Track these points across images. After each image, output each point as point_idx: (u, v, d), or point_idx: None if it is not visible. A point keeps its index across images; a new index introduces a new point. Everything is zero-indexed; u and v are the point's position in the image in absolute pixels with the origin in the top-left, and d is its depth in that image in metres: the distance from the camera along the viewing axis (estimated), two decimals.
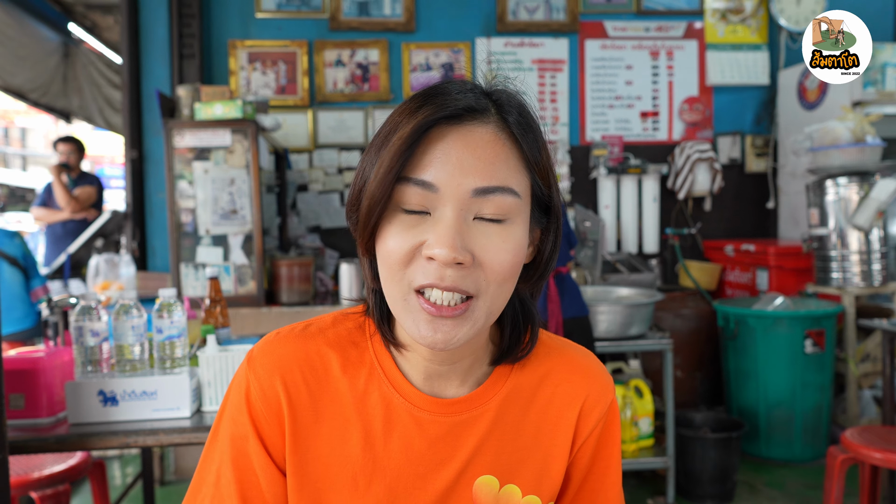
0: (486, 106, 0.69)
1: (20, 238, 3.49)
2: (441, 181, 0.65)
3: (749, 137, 4.64)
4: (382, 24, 4.42)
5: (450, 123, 0.67)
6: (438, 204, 0.66)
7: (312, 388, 0.77)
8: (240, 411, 0.77)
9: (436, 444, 0.77)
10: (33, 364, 1.64)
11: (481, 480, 0.78)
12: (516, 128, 0.69)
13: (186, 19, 4.20)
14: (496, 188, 0.66)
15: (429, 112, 0.66)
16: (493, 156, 0.67)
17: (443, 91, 0.69)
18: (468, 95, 0.69)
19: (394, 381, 0.78)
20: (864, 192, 3.64)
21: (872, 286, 3.69)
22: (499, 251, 0.67)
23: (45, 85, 5.41)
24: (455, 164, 0.65)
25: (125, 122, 4.15)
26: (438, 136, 0.66)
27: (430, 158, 0.66)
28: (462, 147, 0.66)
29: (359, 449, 0.77)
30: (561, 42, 4.56)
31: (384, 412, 0.77)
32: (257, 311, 3.33)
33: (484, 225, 0.67)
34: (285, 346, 0.79)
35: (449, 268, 0.65)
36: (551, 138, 4.55)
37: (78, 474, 2.29)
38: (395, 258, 0.67)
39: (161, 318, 1.69)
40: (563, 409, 0.81)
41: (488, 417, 0.79)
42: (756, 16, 4.63)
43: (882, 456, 2.37)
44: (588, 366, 0.84)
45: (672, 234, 4.58)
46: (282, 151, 4.10)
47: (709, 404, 4.10)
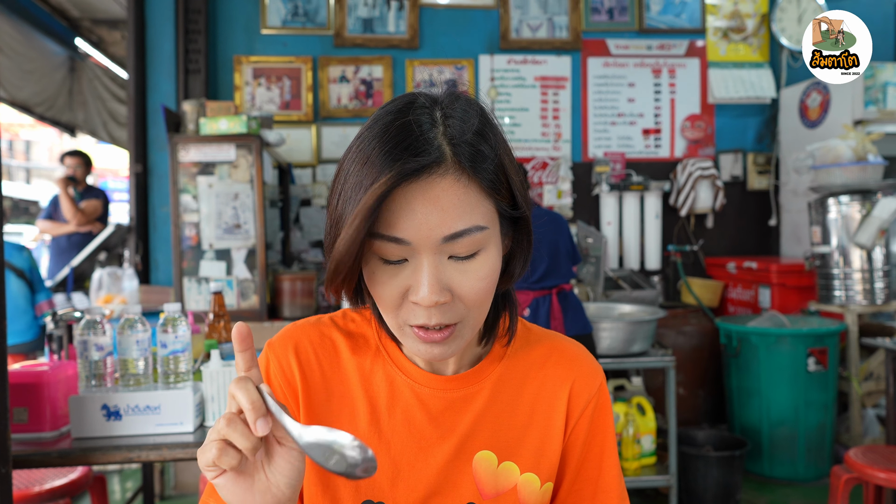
0: (442, 153, 0.70)
1: (28, 252, 3.52)
2: (411, 236, 0.70)
3: (751, 155, 4.66)
4: (386, 40, 4.46)
5: (409, 181, 0.69)
6: (414, 253, 0.71)
7: (325, 368, 0.85)
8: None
9: (436, 419, 0.83)
10: (37, 378, 1.65)
11: (480, 455, 0.83)
12: (472, 167, 0.71)
13: (192, 35, 4.23)
14: (463, 231, 0.71)
15: (388, 178, 0.68)
16: (455, 202, 0.70)
17: (404, 136, 0.70)
18: (427, 137, 0.70)
19: (397, 361, 0.85)
20: (866, 210, 3.64)
21: (875, 304, 3.69)
22: (474, 283, 0.73)
23: (51, 99, 5.45)
24: (421, 220, 0.69)
25: (130, 136, 4.18)
26: (402, 194, 0.69)
27: (396, 216, 0.70)
28: (424, 202, 0.69)
29: (365, 423, 0.83)
30: (564, 59, 4.59)
31: (388, 389, 0.84)
32: (260, 326, 3.33)
33: (458, 262, 0.73)
34: (301, 331, 0.87)
35: (433, 308, 0.72)
36: (553, 155, 4.58)
37: (79, 489, 2.28)
38: (387, 304, 0.74)
39: (166, 332, 1.69)
40: (555, 390, 0.87)
41: (485, 394, 0.85)
42: (757, 34, 4.66)
43: (886, 476, 2.36)
44: (575, 352, 0.90)
45: (674, 251, 4.58)
46: (285, 166, 4.12)
47: (711, 422, 4.08)
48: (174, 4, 4.19)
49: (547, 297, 2.81)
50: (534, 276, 2.81)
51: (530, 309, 2.82)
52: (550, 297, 2.81)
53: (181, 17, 4.19)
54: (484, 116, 0.75)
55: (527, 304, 2.83)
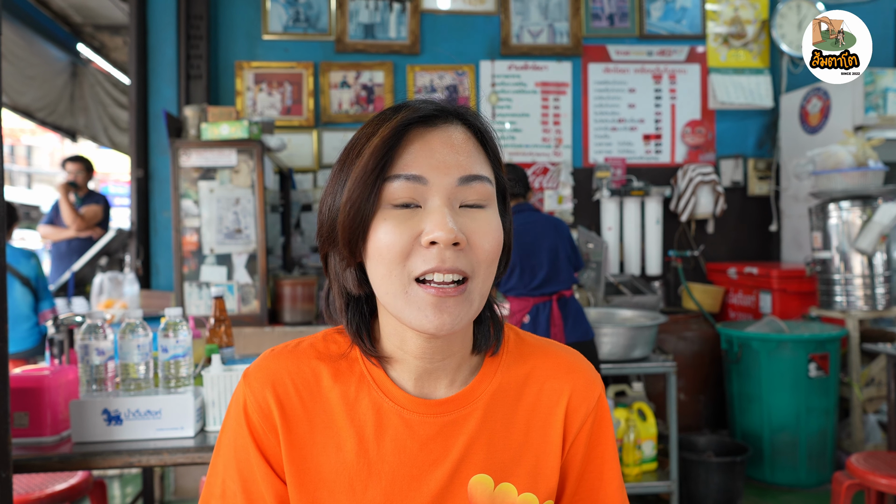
0: (453, 113, 0.77)
1: (36, 259, 3.51)
2: (429, 174, 0.72)
3: (751, 161, 4.66)
4: (388, 46, 4.47)
5: (426, 126, 0.74)
6: (428, 195, 0.73)
7: (305, 399, 0.81)
8: (239, 424, 0.82)
9: (427, 445, 0.80)
10: (38, 382, 1.64)
11: (476, 479, 0.80)
12: (479, 132, 0.78)
13: (194, 41, 4.24)
14: (476, 176, 0.75)
15: (404, 115, 0.73)
16: (468, 150, 0.75)
17: (409, 104, 0.77)
18: (436, 104, 0.77)
19: (382, 386, 0.81)
20: (866, 216, 3.65)
21: (876, 310, 3.68)
22: (485, 233, 0.74)
23: (53, 104, 5.46)
24: (439, 159, 0.73)
25: (132, 141, 4.19)
26: (417, 136, 0.74)
27: (413, 156, 0.73)
28: (442, 144, 0.74)
29: (353, 454, 0.80)
30: (564, 65, 4.60)
31: (375, 417, 0.81)
32: (260, 331, 3.33)
33: (469, 211, 0.75)
34: (277, 361, 0.83)
35: (448, 250, 0.71)
36: (554, 160, 4.58)
37: (78, 494, 2.27)
38: (395, 251, 0.72)
39: (167, 337, 1.69)
40: (551, 406, 0.84)
41: (477, 416, 0.82)
42: (758, 40, 4.67)
43: (888, 482, 2.35)
44: (572, 362, 0.87)
45: (675, 257, 4.58)
46: (286, 171, 4.12)
47: (712, 428, 4.07)
48: (176, 10, 4.21)
49: (547, 303, 2.76)
50: (533, 283, 2.77)
51: (530, 315, 2.77)
52: (550, 303, 2.75)
53: (183, 23, 4.20)
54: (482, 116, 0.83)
55: (526, 310, 2.78)
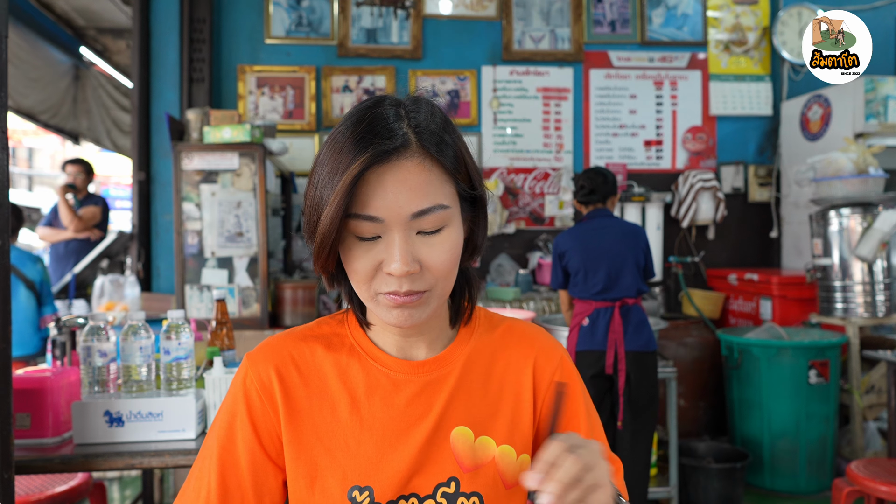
0: (408, 139, 0.80)
1: (42, 264, 3.52)
2: (383, 213, 0.79)
3: (752, 167, 4.67)
4: (390, 51, 4.48)
5: (381, 164, 0.79)
6: (386, 230, 0.80)
7: (302, 370, 0.92)
8: (235, 397, 0.92)
9: (412, 402, 0.90)
10: (40, 384, 1.65)
11: (457, 431, 0.90)
12: (435, 150, 0.81)
13: (197, 44, 4.26)
14: (429, 209, 0.80)
15: (362, 160, 0.78)
16: (421, 182, 0.80)
17: (373, 126, 0.80)
18: (394, 128, 0.80)
19: (370, 353, 0.93)
20: (867, 223, 3.65)
21: (876, 317, 3.68)
22: (439, 255, 0.82)
23: (55, 106, 5.47)
24: (392, 198, 0.79)
25: (134, 144, 4.19)
26: (374, 175, 0.79)
27: (370, 196, 0.79)
28: (394, 182, 0.79)
29: (347, 414, 0.90)
30: (566, 71, 4.61)
31: (365, 379, 0.91)
32: (261, 334, 3.33)
33: (425, 237, 0.82)
34: (277, 342, 0.94)
35: (404, 278, 0.80)
36: (555, 166, 4.59)
37: (78, 496, 2.27)
38: (361, 275, 0.82)
39: (169, 339, 1.69)
40: (521, 367, 0.95)
41: (455, 375, 0.92)
42: (759, 47, 4.69)
43: (888, 489, 2.35)
44: (533, 332, 0.99)
45: (675, 263, 4.59)
46: (288, 175, 4.13)
47: (712, 434, 4.07)
48: (179, 14, 4.22)
49: (609, 309, 2.76)
50: (595, 288, 2.77)
51: (590, 319, 2.78)
52: (612, 309, 2.75)
53: (186, 27, 4.21)
54: (442, 113, 0.87)
55: (587, 313, 2.79)
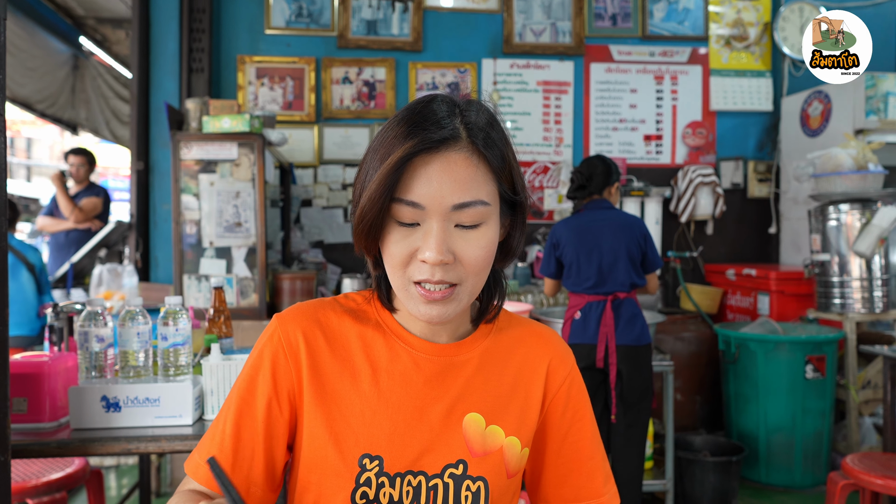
0: (458, 133, 0.83)
1: (40, 255, 3.69)
2: (426, 201, 0.82)
3: (751, 163, 4.67)
4: (390, 42, 4.47)
5: (430, 152, 0.82)
6: (426, 217, 0.83)
7: (328, 336, 0.95)
8: (262, 353, 0.94)
9: (431, 382, 0.93)
10: (38, 368, 1.64)
11: (469, 417, 0.93)
12: (483, 147, 0.84)
13: (196, 34, 4.24)
14: (470, 202, 0.83)
15: (412, 144, 0.81)
16: (466, 176, 0.83)
17: (426, 118, 0.83)
18: (445, 122, 0.83)
19: (395, 331, 0.96)
20: (865, 219, 3.65)
21: (874, 313, 3.69)
22: (475, 250, 0.84)
23: (54, 96, 5.45)
24: (436, 187, 0.81)
25: (132, 133, 4.18)
26: (421, 163, 0.82)
27: (415, 182, 0.82)
28: (440, 172, 0.82)
29: (367, 384, 0.92)
30: (566, 65, 4.61)
31: (388, 354, 0.94)
32: (259, 324, 3.33)
33: (463, 231, 0.84)
34: (307, 307, 0.98)
35: (437, 266, 0.83)
36: (555, 159, 4.59)
37: (75, 483, 2.28)
38: (397, 260, 0.85)
39: (166, 325, 1.69)
40: (535, 366, 0.99)
41: (474, 363, 0.96)
42: (760, 43, 4.68)
43: (883, 482, 2.36)
44: (549, 336, 1.03)
45: (674, 257, 4.59)
46: (287, 166, 4.12)
47: (709, 428, 4.08)
48: (179, 4, 4.20)
49: (601, 303, 2.75)
50: (587, 282, 2.77)
51: (582, 312, 2.79)
52: (604, 303, 2.75)
53: (185, 17, 4.20)
54: (494, 116, 0.89)
55: (580, 306, 2.80)
